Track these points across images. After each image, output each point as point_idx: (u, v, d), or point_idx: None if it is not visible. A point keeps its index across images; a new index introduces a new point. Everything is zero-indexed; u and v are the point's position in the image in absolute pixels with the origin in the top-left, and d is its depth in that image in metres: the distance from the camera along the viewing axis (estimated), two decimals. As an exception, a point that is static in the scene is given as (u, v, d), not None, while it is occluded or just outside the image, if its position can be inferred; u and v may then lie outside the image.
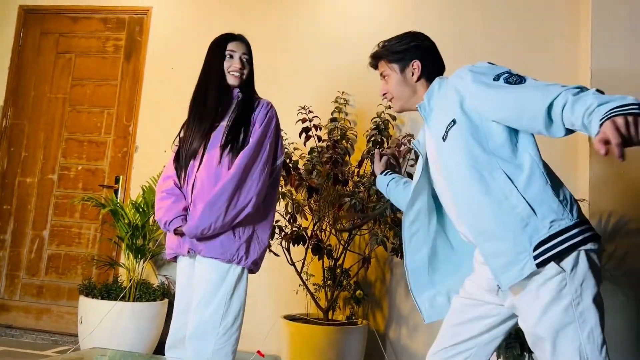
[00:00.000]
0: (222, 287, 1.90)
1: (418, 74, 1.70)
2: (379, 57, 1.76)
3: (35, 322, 3.77)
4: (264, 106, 2.04)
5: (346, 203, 2.88)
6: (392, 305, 3.30)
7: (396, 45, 1.73)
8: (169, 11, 3.90)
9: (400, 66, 1.71)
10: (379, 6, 3.61)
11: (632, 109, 1.12)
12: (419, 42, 1.73)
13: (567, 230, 1.34)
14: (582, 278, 1.33)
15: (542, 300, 1.34)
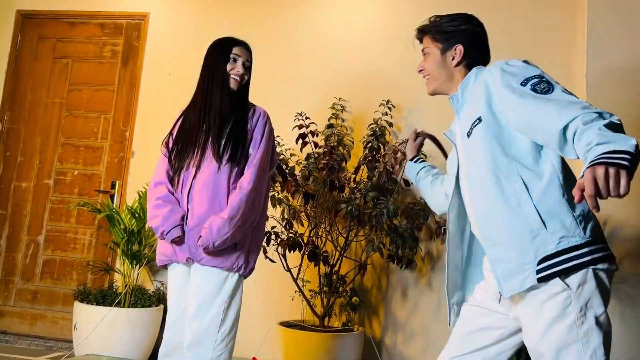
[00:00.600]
0: (220, 295, 1.90)
1: (458, 59, 1.61)
2: (425, 32, 1.69)
3: (29, 327, 3.74)
4: (261, 115, 2.05)
5: (342, 209, 2.88)
6: (388, 312, 3.29)
7: (445, 24, 1.65)
8: (167, 17, 3.90)
9: (443, 47, 1.63)
10: (377, 13, 3.62)
11: (621, 158, 1.08)
12: (469, 26, 1.63)
13: (576, 248, 1.30)
14: (588, 297, 1.29)
15: (546, 317, 1.31)
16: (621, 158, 1.09)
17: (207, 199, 1.91)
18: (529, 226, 1.32)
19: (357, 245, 3.27)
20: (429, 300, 3.26)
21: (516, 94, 1.36)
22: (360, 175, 3.12)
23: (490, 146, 1.41)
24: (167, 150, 2.06)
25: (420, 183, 1.89)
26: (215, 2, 3.83)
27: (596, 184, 1.08)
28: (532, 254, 1.32)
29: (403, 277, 3.30)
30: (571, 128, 1.21)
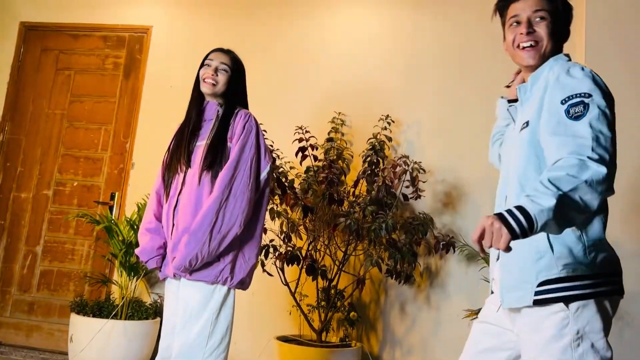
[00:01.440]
0: (208, 308, 1.87)
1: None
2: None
3: (25, 339, 3.72)
4: (241, 118, 1.98)
5: (341, 223, 2.88)
6: (386, 327, 3.27)
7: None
8: (169, 30, 3.94)
9: (563, 19, 1.44)
10: (377, 28, 3.66)
11: (516, 220, 1.10)
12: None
13: (580, 278, 1.27)
14: (586, 321, 1.26)
15: (544, 335, 1.28)
16: (516, 219, 1.11)
17: (190, 214, 1.89)
18: (535, 247, 1.30)
19: (356, 260, 3.26)
20: (428, 316, 3.24)
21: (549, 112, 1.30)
22: (359, 189, 3.12)
23: (528, 155, 1.36)
24: (163, 164, 2.07)
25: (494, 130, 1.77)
26: (217, 17, 3.87)
27: (480, 233, 1.12)
28: (533, 275, 1.30)
29: (401, 292, 3.28)
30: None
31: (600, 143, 1.21)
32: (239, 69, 2.09)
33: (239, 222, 1.87)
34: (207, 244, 1.82)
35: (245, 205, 1.88)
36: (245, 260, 1.94)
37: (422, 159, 3.23)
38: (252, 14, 3.82)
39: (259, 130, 2.01)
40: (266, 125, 3.07)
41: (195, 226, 1.83)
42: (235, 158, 1.90)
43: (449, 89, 3.44)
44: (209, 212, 1.83)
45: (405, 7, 3.63)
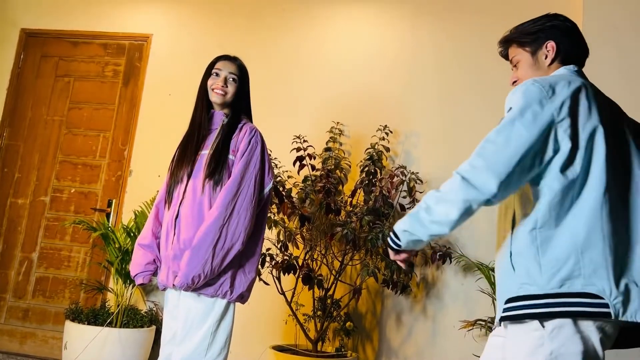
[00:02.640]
0: (208, 320, 1.86)
1: (552, 56, 1.47)
2: (510, 41, 1.55)
3: (19, 346, 3.69)
4: (247, 133, 1.96)
5: (338, 233, 2.88)
6: (383, 338, 3.26)
7: (529, 26, 1.52)
8: (169, 39, 3.96)
9: (532, 48, 1.50)
10: (376, 39, 3.68)
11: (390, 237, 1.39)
12: (556, 22, 1.50)
13: (532, 298, 1.25)
14: (561, 343, 1.23)
15: (520, 351, 1.28)
16: (390, 239, 1.40)
17: (191, 224, 1.88)
18: (508, 264, 1.32)
19: (352, 269, 3.26)
20: (424, 327, 3.23)
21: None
22: (356, 198, 3.13)
23: None
24: (168, 173, 2.06)
25: None
26: (216, 26, 3.89)
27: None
28: (505, 292, 1.32)
29: (398, 303, 3.28)
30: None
31: (481, 151, 1.29)
32: (245, 76, 2.08)
33: (242, 238, 1.86)
34: (209, 262, 1.80)
35: (248, 222, 1.87)
36: (246, 274, 1.93)
37: (419, 170, 3.24)
38: (252, 24, 3.84)
39: (264, 147, 2.00)
40: (264, 134, 3.07)
41: (198, 243, 1.81)
42: (239, 174, 1.89)
43: (446, 100, 3.46)
44: (211, 228, 1.82)
45: (404, 18, 3.66)
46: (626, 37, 3.04)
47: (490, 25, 3.49)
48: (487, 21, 3.51)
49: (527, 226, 1.29)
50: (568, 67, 1.47)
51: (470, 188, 1.25)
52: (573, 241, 1.25)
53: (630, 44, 3.03)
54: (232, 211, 1.85)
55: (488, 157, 1.26)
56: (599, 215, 1.26)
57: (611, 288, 1.23)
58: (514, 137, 1.26)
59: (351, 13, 3.76)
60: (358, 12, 3.75)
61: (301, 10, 3.80)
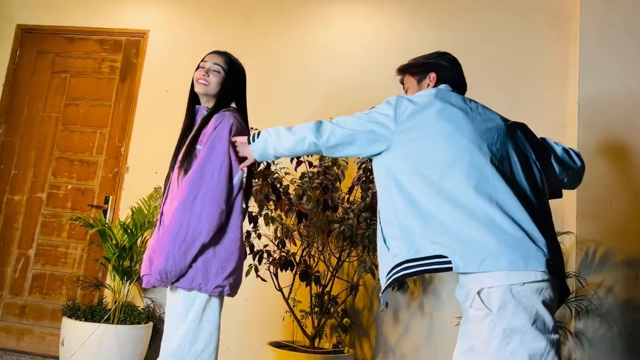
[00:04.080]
0: (190, 314, 1.83)
1: (433, 84, 1.81)
2: (404, 71, 1.92)
3: (16, 343, 3.69)
4: (213, 120, 1.89)
5: (335, 229, 2.88)
6: (380, 334, 3.27)
7: (420, 59, 1.88)
8: (166, 35, 3.95)
9: (418, 78, 1.85)
10: (371, 33, 3.68)
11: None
12: (440, 59, 1.85)
13: (399, 265, 1.52)
14: (510, 318, 1.37)
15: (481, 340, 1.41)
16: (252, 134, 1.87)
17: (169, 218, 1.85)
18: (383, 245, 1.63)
19: (350, 266, 3.26)
20: (421, 324, 3.24)
21: None
22: (353, 195, 3.13)
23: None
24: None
25: None
26: (213, 22, 3.88)
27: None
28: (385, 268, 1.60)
29: (395, 300, 3.28)
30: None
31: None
32: (234, 71, 2.03)
33: (207, 230, 1.77)
34: (172, 255, 1.75)
35: (214, 213, 1.78)
36: (222, 265, 1.84)
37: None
38: (249, 20, 3.83)
39: (233, 132, 1.89)
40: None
41: (162, 238, 1.78)
42: (200, 163, 1.82)
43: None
44: (173, 221, 1.77)
45: (401, 14, 3.65)
46: (623, 36, 3.05)
47: (488, 22, 3.50)
48: (484, 18, 3.51)
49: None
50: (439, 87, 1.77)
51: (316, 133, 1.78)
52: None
53: (627, 43, 3.03)
54: (193, 201, 1.77)
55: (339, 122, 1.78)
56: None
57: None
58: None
59: (349, 10, 3.76)
60: (355, 9, 3.75)
61: (299, 7, 3.79)
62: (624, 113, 2.94)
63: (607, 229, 2.84)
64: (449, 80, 1.81)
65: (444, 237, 1.44)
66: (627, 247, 2.83)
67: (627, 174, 2.90)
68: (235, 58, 2.09)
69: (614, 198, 2.88)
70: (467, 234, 1.41)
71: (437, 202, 1.47)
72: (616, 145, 2.94)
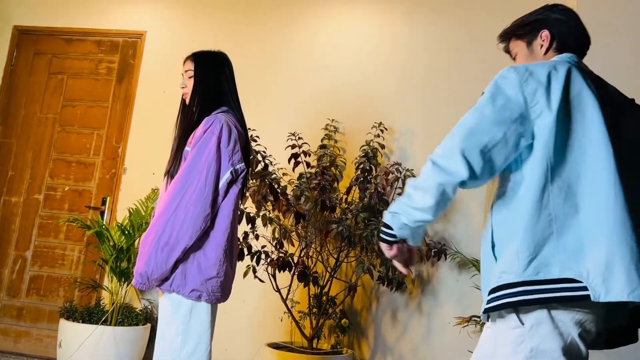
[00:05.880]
0: (177, 316, 1.81)
1: (547, 45, 1.45)
2: (508, 35, 1.55)
3: (13, 345, 3.68)
4: (204, 122, 1.86)
5: (333, 230, 2.88)
6: (378, 335, 3.27)
7: (527, 17, 1.51)
8: (163, 36, 3.94)
9: (528, 39, 1.49)
10: (371, 36, 3.68)
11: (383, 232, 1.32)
12: (550, 12, 1.49)
13: (508, 286, 1.22)
14: (540, 339, 1.21)
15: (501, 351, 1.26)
16: (383, 232, 1.32)
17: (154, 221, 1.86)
18: (491, 254, 1.30)
19: (348, 266, 3.26)
20: (419, 324, 3.24)
21: None
22: (351, 196, 3.13)
23: None
24: None
25: None
26: (211, 22, 3.88)
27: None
28: (488, 283, 1.29)
29: (393, 300, 3.28)
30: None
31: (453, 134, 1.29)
32: (201, 63, 2.00)
33: (190, 233, 1.74)
34: (153, 257, 1.73)
35: (198, 216, 1.75)
36: (201, 270, 1.79)
37: (415, 167, 3.24)
38: (246, 21, 3.83)
39: (223, 135, 1.85)
40: (259, 131, 3.08)
41: (144, 238, 1.77)
42: (187, 166, 1.79)
43: (441, 97, 3.46)
44: (157, 223, 1.76)
45: (399, 16, 3.65)
46: (621, 35, 3.05)
47: (485, 22, 3.50)
48: (482, 18, 3.51)
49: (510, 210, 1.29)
50: (562, 55, 1.43)
51: (442, 172, 1.25)
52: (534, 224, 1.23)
53: (624, 42, 3.04)
54: (178, 204, 1.75)
55: (459, 140, 1.26)
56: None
57: (588, 271, 1.19)
58: (483, 122, 1.26)
59: (346, 9, 3.75)
60: (353, 9, 3.75)
61: (296, 6, 3.79)
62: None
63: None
64: (566, 37, 1.45)
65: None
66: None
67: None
68: (203, 51, 2.06)
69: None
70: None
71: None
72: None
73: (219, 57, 2.06)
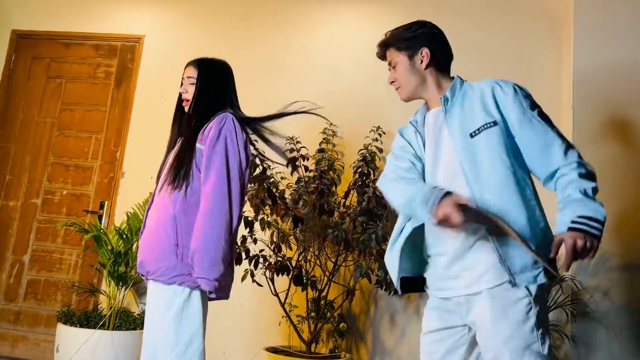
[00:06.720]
0: (170, 311, 1.80)
1: (427, 61, 1.68)
2: (387, 45, 1.77)
3: (10, 349, 3.66)
4: (215, 121, 1.91)
5: (331, 233, 2.88)
6: (376, 339, 3.26)
7: (405, 32, 1.73)
8: (161, 40, 3.95)
9: (409, 53, 1.70)
10: (369, 39, 3.66)
11: (597, 229, 1.42)
12: (427, 29, 1.73)
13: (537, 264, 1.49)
14: (542, 303, 1.47)
15: (512, 320, 1.44)
16: (597, 229, 1.41)
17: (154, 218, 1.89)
18: (541, 230, 1.50)
19: (346, 270, 3.26)
20: (417, 327, 3.22)
21: (527, 115, 1.55)
22: (349, 200, 3.13)
23: (505, 149, 1.53)
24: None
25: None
26: (209, 26, 3.89)
27: (575, 251, 1.37)
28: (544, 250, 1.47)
29: (391, 304, 3.28)
30: (562, 170, 1.49)
31: (567, 142, 1.57)
32: (205, 71, 2.02)
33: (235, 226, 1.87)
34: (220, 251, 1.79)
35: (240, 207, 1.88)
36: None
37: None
38: (243, 25, 3.84)
39: (238, 132, 1.92)
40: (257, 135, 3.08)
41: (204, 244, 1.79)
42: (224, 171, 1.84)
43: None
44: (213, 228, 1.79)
45: (396, 20, 3.64)
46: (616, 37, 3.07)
47: (481, 27, 3.51)
48: (477, 23, 3.52)
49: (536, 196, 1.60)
50: (460, 78, 1.73)
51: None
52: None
53: (620, 44, 3.05)
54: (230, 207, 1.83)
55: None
56: None
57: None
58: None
59: (343, 13, 3.76)
60: (350, 12, 3.76)
61: (293, 10, 3.80)
62: (620, 117, 2.95)
63: (603, 233, 2.84)
64: (445, 57, 1.73)
65: None
66: (622, 250, 2.83)
67: (622, 180, 2.90)
68: (207, 58, 2.08)
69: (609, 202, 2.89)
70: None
71: None
72: (610, 151, 2.94)
73: (222, 66, 2.09)
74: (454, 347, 1.56)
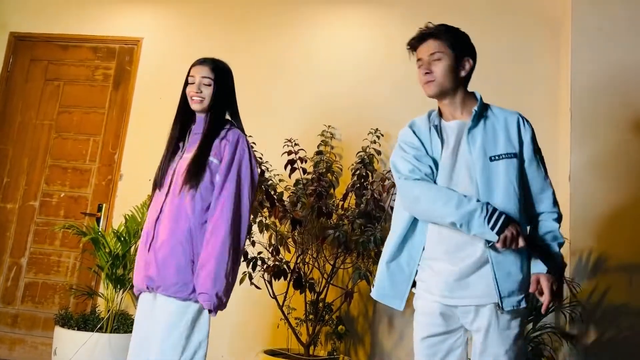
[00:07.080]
0: (182, 322, 1.82)
1: (466, 73, 1.72)
2: (436, 36, 1.73)
3: (8, 352, 3.65)
4: (231, 139, 1.94)
5: (330, 236, 2.88)
6: (375, 341, 3.26)
7: (459, 33, 1.74)
8: (160, 43, 3.95)
9: (456, 54, 1.69)
10: (367, 42, 3.69)
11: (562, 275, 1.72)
12: (471, 44, 1.77)
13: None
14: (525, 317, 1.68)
15: (513, 333, 1.61)
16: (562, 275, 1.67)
17: (169, 227, 1.86)
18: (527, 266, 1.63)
19: (344, 273, 3.26)
20: (416, 330, 3.23)
21: (536, 158, 1.68)
22: (348, 202, 3.13)
23: (518, 182, 1.62)
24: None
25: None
26: (207, 29, 3.89)
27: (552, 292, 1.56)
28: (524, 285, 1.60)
29: (390, 306, 3.27)
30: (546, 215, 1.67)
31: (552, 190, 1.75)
32: (223, 77, 2.02)
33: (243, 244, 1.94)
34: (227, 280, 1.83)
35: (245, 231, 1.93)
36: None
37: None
38: (243, 27, 3.84)
39: (251, 153, 1.99)
40: (255, 138, 3.08)
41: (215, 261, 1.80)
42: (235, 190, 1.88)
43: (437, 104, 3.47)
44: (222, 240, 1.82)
45: (394, 22, 3.67)
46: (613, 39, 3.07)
47: (480, 28, 3.51)
48: (476, 24, 3.52)
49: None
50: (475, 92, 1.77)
51: None
52: None
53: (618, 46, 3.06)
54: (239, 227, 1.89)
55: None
56: None
57: None
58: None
59: (341, 15, 3.77)
60: (348, 15, 3.77)
61: (291, 13, 3.80)
62: (617, 120, 2.96)
63: (601, 234, 2.85)
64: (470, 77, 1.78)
65: None
66: (620, 252, 2.84)
67: (620, 182, 2.91)
68: (220, 61, 2.07)
69: (606, 204, 2.90)
70: None
71: None
72: (609, 153, 2.95)
73: (230, 70, 2.11)
74: (453, 347, 1.66)
